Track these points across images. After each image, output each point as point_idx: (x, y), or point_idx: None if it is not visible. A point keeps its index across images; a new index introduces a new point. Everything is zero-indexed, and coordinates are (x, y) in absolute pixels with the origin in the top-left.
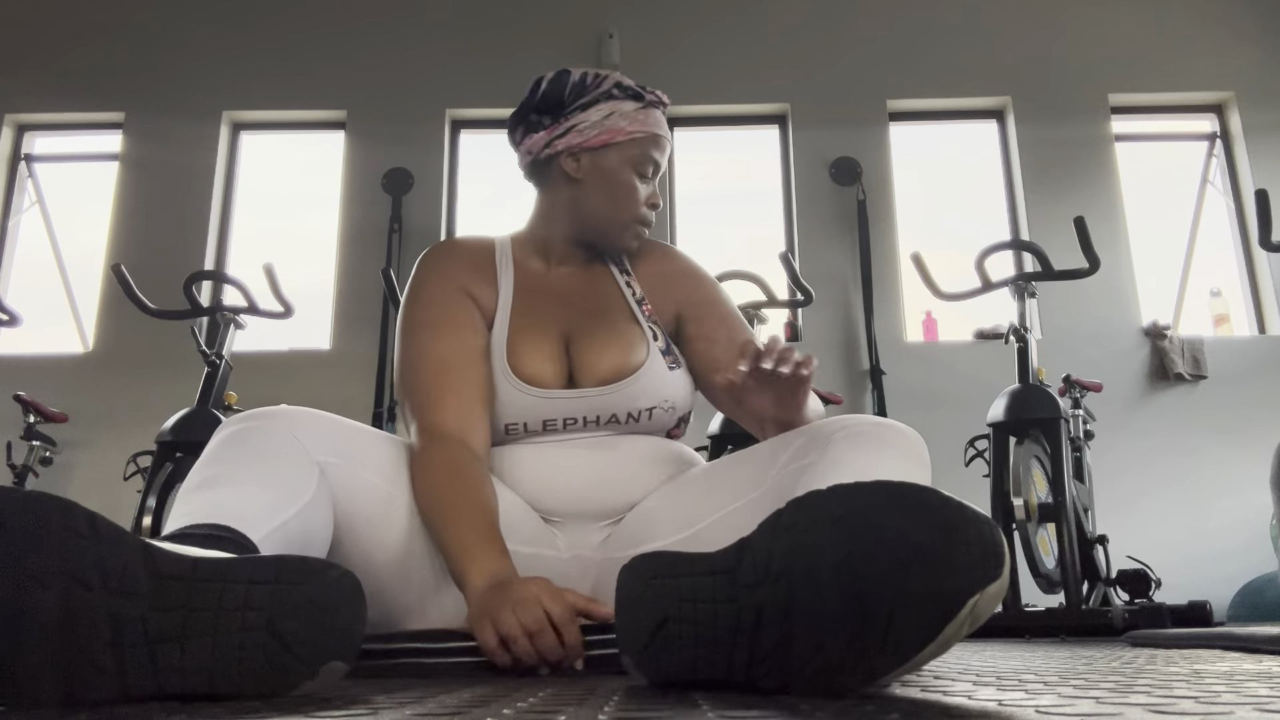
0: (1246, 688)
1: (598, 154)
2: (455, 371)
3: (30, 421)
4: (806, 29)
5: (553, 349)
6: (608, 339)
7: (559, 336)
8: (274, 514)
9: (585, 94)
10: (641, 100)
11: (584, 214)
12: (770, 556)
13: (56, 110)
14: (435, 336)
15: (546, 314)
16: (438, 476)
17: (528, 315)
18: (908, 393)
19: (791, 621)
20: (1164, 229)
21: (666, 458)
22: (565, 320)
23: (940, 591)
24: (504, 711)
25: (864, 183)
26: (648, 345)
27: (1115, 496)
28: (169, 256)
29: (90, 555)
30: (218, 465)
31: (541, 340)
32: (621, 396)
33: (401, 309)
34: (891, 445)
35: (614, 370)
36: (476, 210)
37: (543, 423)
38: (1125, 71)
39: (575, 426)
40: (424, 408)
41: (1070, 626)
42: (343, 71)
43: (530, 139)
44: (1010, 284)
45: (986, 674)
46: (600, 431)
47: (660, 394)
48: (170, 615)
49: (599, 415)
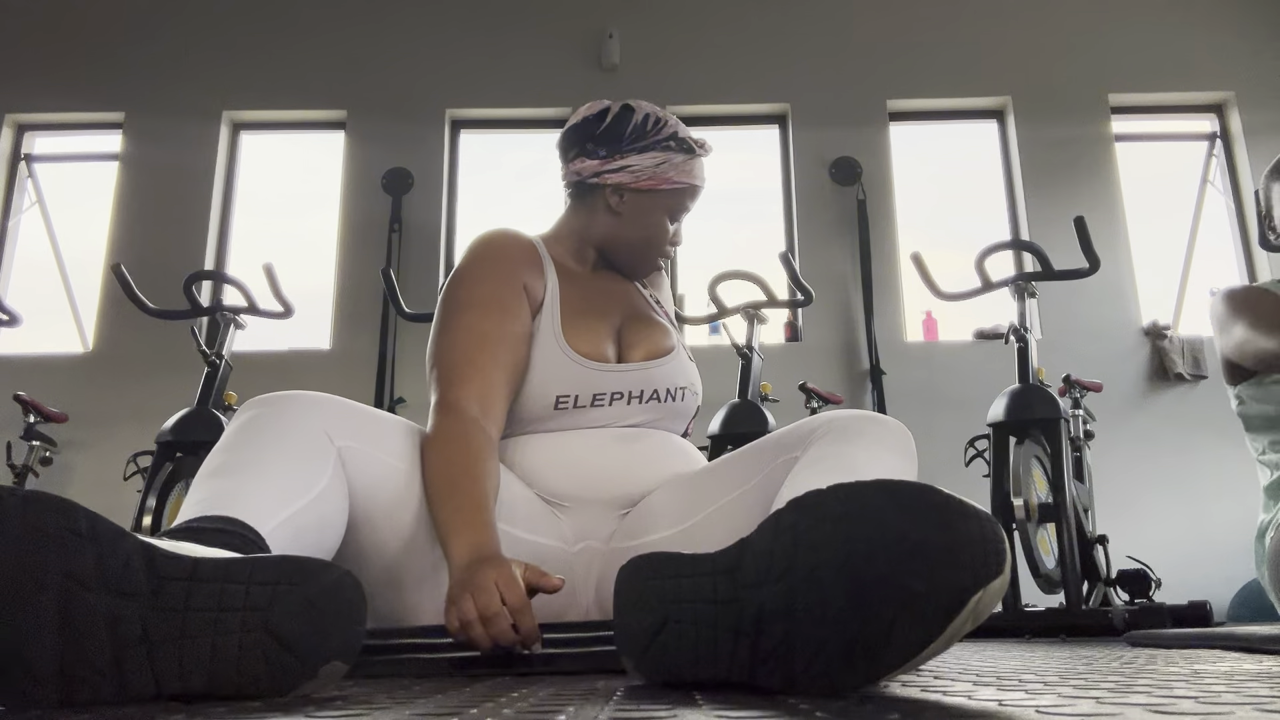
0: (1246, 688)
1: (641, 195)
2: (489, 352)
3: (30, 421)
4: (806, 29)
5: (607, 331)
6: (648, 327)
7: (610, 322)
8: (286, 503)
9: (644, 139)
10: (693, 154)
11: (615, 243)
12: (771, 556)
13: (56, 110)
14: (481, 315)
15: (597, 303)
16: (449, 450)
17: (581, 302)
18: (908, 393)
19: (793, 621)
20: (1164, 229)
21: (678, 454)
22: (614, 310)
23: (942, 589)
24: (504, 711)
25: (864, 183)
26: (673, 335)
27: (1115, 496)
28: (169, 256)
29: (89, 555)
30: (233, 451)
31: (596, 323)
32: (662, 373)
33: (448, 285)
34: (874, 439)
35: (654, 351)
36: (476, 210)
37: (593, 395)
38: (1125, 71)
39: (620, 401)
40: (450, 381)
41: (1070, 626)
42: (343, 71)
43: (582, 163)
44: (1010, 284)
45: (986, 674)
46: (641, 410)
47: (688, 377)
48: (169, 616)
49: (643, 390)
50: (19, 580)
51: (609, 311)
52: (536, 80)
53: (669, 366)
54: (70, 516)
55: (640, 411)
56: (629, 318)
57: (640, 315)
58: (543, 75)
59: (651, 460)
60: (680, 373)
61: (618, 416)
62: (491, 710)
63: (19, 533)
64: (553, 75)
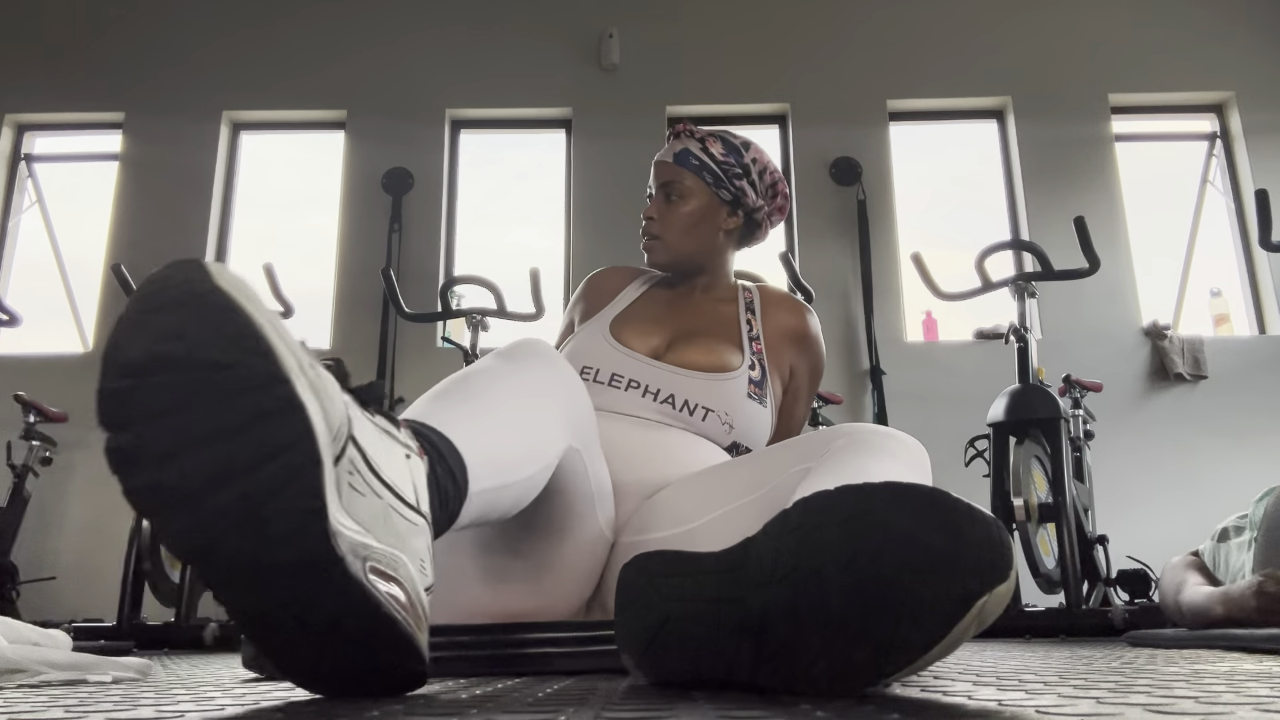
0: (1246, 688)
1: None
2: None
3: (30, 421)
4: (807, 29)
5: (660, 332)
6: (707, 343)
7: (669, 326)
8: (500, 474)
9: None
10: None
11: None
12: (777, 556)
13: (56, 110)
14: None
15: (663, 311)
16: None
17: (647, 309)
18: (908, 393)
19: (797, 621)
20: (1164, 229)
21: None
22: (681, 320)
23: (948, 593)
24: (504, 712)
25: (864, 183)
26: (741, 366)
27: (1115, 496)
28: (169, 256)
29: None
30: (498, 383)
31: (652, 324)
32: (690, 384)
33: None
34: (891, 453)
35: (697, 364)
36: (476, 210)
37: (611, 374)
38: (1125, 71)
39: (636, 390)
40: None
41: (1070, 626)
42: (343, 71)
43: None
44: (1010, 284)
45: (986, 674)
46: (656, 409)
47: (724, 405)
48: None
49: (660, 390)
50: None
51: (673, 319)
52: (536, 80)
53: (699, 383)
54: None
55: (655, 410)
56: (695, 330)
57: (708, 330)
58: (543, 75)
59: (670, 452)
60: (711, 394)
61: (632, 406)
62: (491, 710)
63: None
64: (553, 75)
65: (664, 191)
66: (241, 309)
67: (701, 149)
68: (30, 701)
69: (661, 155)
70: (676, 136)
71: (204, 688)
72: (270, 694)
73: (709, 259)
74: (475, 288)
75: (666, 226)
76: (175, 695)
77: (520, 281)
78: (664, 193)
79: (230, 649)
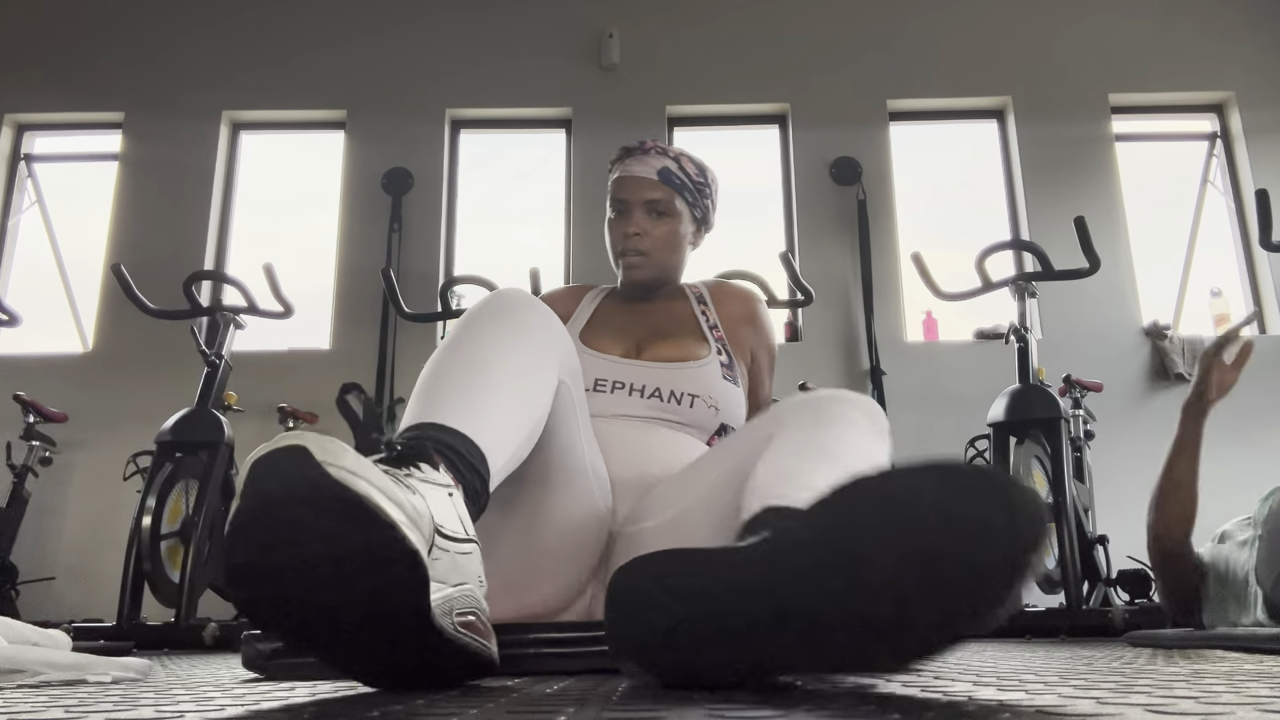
0: (1246, 688)
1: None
2: None
3: (30, 421)
4: (806, 29)
5: (627, 336)
6: (675, 338)
7: (635, 330)
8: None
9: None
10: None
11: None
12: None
13: (56, 110)
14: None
15: (625, 319)
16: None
17: (608, 317)
18: (908, 393)
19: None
20: (1164, 229)
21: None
22: (645, 324)
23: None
24: (504, 712)
25: (864, 183)
26: (710, 353)
27: (1115, 496)
28: (169, 256)
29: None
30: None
31: (618, 332)
32: (670, 374)
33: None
34: (843, 419)
35: (669, 356)
36: (476, 210)
37: (594, 380)
38: (1125, 71)
39: (621, 391)
40: None
41: (1071, 627)
42: (343, 71)
43: None
44: (1010, 284)
45: (986, 674)
46: (644, 405)
47: (707, 390)
48: None
49: (644, 385)
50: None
51: (636, 326)
52: (536, 80)
53: (680, 373)
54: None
55: (644, 406)
56: (659, 330)
57: (671, 330)
58: (543, 75)
59: (664, 447)
60: (693, 381)
61: (621, 406)
62: (491, 710)
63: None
64: (553, 75)
65: (649, 209)
66: (351, 490)
67: (679, 168)
68: (30, 701)
69: (638, 171)
70: (646, 153)
71: (204, 688)
72: (270, 694)
73: (679, 272)
74: (475, 288)
75: (655, 244)
76: (175, 695)
77: (520, 281)
78: (649, 210)
79: (230, 649)
